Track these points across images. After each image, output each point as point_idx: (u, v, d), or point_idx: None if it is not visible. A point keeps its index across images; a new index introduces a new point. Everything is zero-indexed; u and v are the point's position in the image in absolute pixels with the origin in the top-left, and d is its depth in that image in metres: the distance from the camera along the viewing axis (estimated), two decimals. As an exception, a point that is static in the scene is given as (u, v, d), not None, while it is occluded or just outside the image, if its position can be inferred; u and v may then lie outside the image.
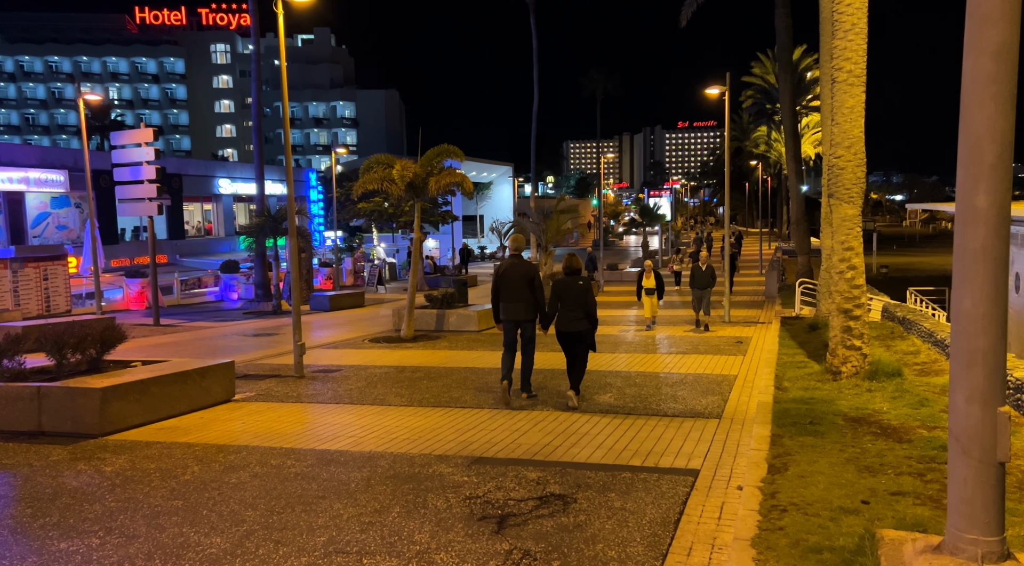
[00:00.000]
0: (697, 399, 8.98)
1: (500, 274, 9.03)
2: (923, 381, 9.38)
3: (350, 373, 11.43)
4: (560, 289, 8.62)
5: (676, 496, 5.59)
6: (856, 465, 6.11)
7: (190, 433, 7.91)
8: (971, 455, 3.47)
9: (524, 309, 8.85)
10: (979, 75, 3.38)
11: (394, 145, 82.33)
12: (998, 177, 3.37)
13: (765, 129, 66.09)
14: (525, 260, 9.07)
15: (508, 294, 8.91)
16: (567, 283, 8.62)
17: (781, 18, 24.64)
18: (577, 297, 8.54)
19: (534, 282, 8.86)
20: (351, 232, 38.59)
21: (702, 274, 16.24)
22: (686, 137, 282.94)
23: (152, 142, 20.00)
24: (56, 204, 33.24)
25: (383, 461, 6.67)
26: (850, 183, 9.98)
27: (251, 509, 5.52)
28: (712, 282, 16.14)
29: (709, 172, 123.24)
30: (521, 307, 8.85)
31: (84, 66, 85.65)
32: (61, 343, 8.58)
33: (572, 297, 8.54)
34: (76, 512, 5.55)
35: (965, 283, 3.48)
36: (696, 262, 17.01)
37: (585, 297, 8.55)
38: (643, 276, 16.61)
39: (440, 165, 15.66)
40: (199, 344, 15.88)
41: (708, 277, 16.15)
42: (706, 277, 16.17)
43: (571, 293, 8.55)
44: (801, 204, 26.02)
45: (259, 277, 25.54)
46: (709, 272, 16.26)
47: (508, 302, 8.92)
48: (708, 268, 16.39)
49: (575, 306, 8.53)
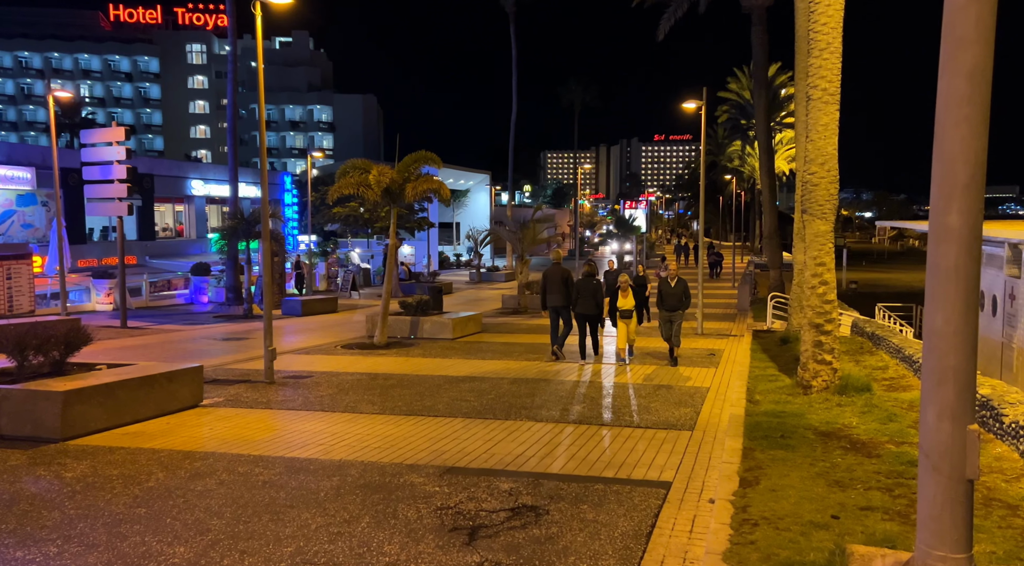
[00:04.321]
0: (670, 411, 9.00)
1: (546, 275, 13.30)
2: (891, 396, 9.51)
3: (321, 379, 11.29)
4: (579, 286, 12.81)
5: (648, 508, 5.58)
6: (826, 479, 6.16)
7: (155, 439, 7.74)
8: (941, 472, 3.50)
9: (562, 299, 13.06)
10: (953, 96, 3.43)
11: (371, 150, 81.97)
12: (971, 197, 3.41)
13: (740, 144, 66.95)
14: (563, 267, 13.42)
15: (551, 289, 13.13)
16: (584, 282, 12.79)
17: (757, 35, 25.00)
18: (591, 291, 12.74)
19: (568, 281, 13.08)
20: (325, 237, 38.26)
21: (671, 292, 12.77)
22: (662, 150, 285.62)
23: (123, 141, 19.66)
24: (22, 202, 32.48)
25: (353, 470, 6.58)
26: (823, 199, 10.11)
27: (217, 518, 5.40)
28: (685, 302, 12.78)
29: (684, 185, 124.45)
30: (560, 298, 13.08)
31: (55, 62, 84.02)
32: (23, 344, 8.35)
33: (587, 291, 12.77)
34: (34, 519, 5.38)
35: (937, 301, 3.52)
36: (664, 276, 13.36)
37: (596, 292, 12.80)
38: (617, 294, 13.11)
39: (417, 171, 15.60)
40: (167, 347, 15.59)
41: (679, 295, 12.75)
42: (676, 295, 12.74)
43: (587, 288, 12.77)
44: (774, 219, 26.35)
45: (231, 280, 25.19)
46: (681, 289, 12.79)
47: (551, 294, 13.14)
48: (679, 284, 12.87)
49: (588, 297, 12.74)
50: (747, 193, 73.34)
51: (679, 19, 26.79)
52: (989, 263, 14.33)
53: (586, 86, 72.63)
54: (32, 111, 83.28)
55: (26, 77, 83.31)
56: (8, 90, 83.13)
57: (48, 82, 24.79)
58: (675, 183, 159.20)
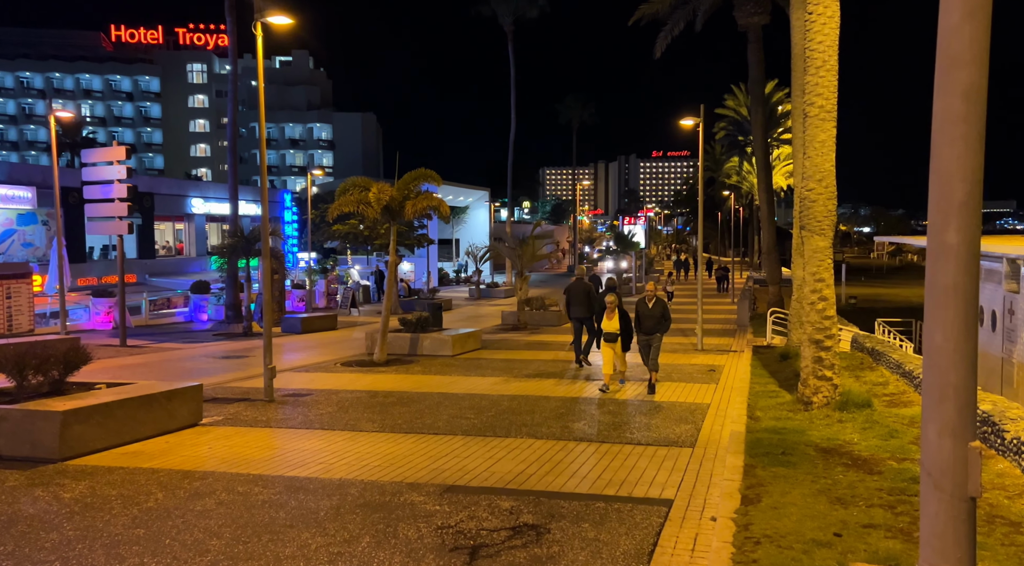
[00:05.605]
0: (671, 427, 8.98)
1: (569, 290, 14.74)
2: (892, 412, 9.49)
3: (321, 397, 11.26)
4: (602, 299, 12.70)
5: (650, 527, 5.55)
6: (828, 496, 6.13)
7: (155, 458, 7.71)
8: (942, 490, 3.48)
9: (585, 310, 14.31)
10: (949, 115, 3.46)
11: (371, 168, 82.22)
12: (968, 215, 3.43)
13: (737, 160, 67.20)
14: (586, 281, 14.88)
15: (575, 301, 14.47)
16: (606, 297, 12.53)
17: (754, 53, 25.20)
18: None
19: (591, 294, 14.40)
20: (325, 254, 38.34)
21: (648, 313, 11.58)
22: (660, 166, 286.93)
23: (124, 160, 19.72)
24: (22, 221, 32.54)
25: (353, 489, 6.55)
26: (821, 215, 10.15)
27: (216, 538, 5.37)
28: (663, 324, 11.59)
29: (682, 201, 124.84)
30: (583, 309, 14.35)
31: (56, 82, 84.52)
32: (22, 364, 8.34)
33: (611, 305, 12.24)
34: (32, 541, 5.35)
35: (936, 318, 3.53)
36: (642, 297, 12.18)
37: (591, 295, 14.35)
38: (603, 315, 11.89)
39: (417, 189, 15.66)
40: (166, 366, 15.56)
41: (657, 318, 11.56)
42: (654, 317, 11.55)
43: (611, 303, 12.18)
44: (772, 234, 26.40)
45: (230, 298, 25.17)
46: (659, 310, 11.58)
47: (575, 306, 14.44)
48: (657, 304, 11.65)
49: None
50: (745, 209, 73.56)
51: (676, 37, 26.97)
52: (988, 278, 14.35)
53: (584, 103, 72.93)
54: (33, 131, 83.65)
55: (27, 97, 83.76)
56: (9, 110, 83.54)
57: (49, 102, 24.97)
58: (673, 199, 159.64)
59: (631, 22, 27.20)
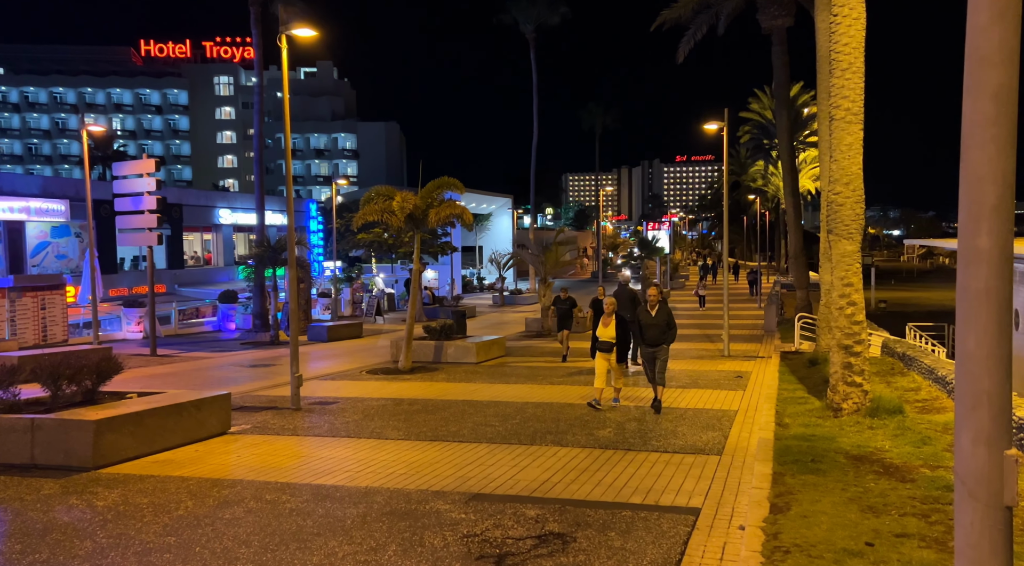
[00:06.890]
0: (698, 435, 8.89)
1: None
2: (925, 419, 9.31)
3: (347, 405, 11.34)
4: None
5: (677, 536, 5.50)
6: (859, 505, 6.03)
7: (184, 466, 7.81)
8: (977, 499, 3.41)
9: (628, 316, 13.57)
10: (979, 117, 3.40)
11: (394, 176, 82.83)
12: (1000, 218, 3.36)
13: (762, 164, 66.57)
14: (630, 288, 15.64)
15: (619, 307, 12.21)
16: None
17: (778, 55, 24.97)
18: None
19: (635, 300, 14.70)
20: (350, 262, 38.66)
21: (651, 322, 10.36)
22: (684, 171, 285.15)
23: (154, 172, 20.11)
24: (56, 233, 33.27)
25: (379, 497, 6.58)
26: (849, 219, 10.01)
27: (245, 546, 5.42)
28: (669, 335, 10.39)
29: (707, 205, 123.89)
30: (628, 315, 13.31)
31: (88, 97, 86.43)
32: (57, 374, 8.51)
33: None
34: (66, 549, 5.45)
35: (968, 324, 3.46)
36: (642, 304, 11.32)
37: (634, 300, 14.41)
38: (600, 320, 11.02)
39: (440, 197, 15.74)
40: (196, 375, 15.77)
41: (662, 327, 10.32)
42: (658, 327, 10.31)
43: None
44: (799, 238, 26.09)
45: (257, 307, 25.49)
46: (663, 318, 10.34)
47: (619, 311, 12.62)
48: (661, 312, 10.39)
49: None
50: (771, 212, 72.80)
51: (698, 41, 26.83)
52: (1021, 281, 14.04)
53: (607, 109, 72.87)
54: (66, 145, 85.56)
55: (60, 112, 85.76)
56: (43, 125, 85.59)
57: (82, 116, 25.56)
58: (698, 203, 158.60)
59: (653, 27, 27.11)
